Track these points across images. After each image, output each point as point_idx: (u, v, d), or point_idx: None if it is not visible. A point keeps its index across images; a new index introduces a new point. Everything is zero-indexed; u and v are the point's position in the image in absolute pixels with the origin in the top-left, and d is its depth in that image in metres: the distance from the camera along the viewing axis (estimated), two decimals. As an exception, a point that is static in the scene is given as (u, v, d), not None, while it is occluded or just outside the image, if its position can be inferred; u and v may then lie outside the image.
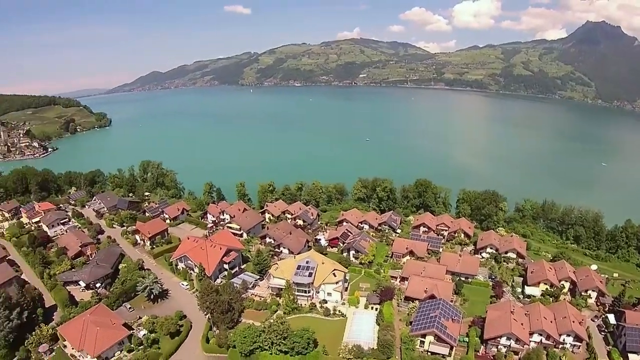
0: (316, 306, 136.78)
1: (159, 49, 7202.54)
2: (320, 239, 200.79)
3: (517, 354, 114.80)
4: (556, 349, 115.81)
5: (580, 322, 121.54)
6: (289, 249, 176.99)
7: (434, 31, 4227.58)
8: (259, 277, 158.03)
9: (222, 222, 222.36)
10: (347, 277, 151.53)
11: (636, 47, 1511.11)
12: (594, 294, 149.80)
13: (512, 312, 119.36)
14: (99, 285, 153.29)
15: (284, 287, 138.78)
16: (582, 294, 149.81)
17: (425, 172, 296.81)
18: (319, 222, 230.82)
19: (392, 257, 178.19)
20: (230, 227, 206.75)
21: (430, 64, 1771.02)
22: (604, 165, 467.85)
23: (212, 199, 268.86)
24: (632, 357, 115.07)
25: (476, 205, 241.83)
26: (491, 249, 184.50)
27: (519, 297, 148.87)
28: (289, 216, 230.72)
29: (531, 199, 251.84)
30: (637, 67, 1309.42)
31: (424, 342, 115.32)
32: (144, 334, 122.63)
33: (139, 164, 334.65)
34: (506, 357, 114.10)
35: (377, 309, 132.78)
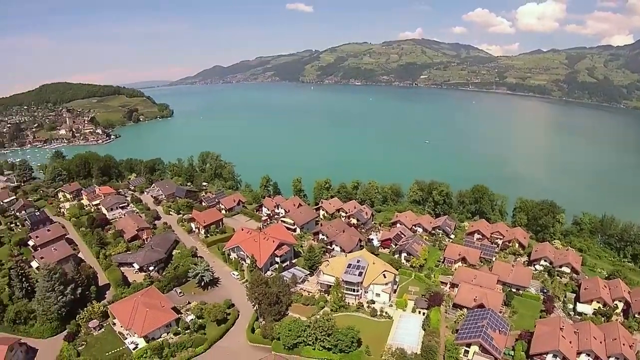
0: (363, 306, 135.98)
1: (222, 44, 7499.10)
2: (372, 239, 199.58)
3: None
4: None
5: (630, 346, 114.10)
6: (341, 247, 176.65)
7: (497, 33, 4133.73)
8: (309, 272, 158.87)
9: (276, 216, 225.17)
10: (396, 279, 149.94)
11: None
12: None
13: (561, 328, 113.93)
14: (152, 268, 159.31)
15: (333, 284, 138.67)
16: (636, 315, 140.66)
17: (482, 177, 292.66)
18: (373, 222, 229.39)
19: (443, 262, 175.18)
20: (284, 222, 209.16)
21: (492, 67, 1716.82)
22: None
23: (268, 193, 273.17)
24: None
25: (533, 215, 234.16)
26: (545, 261, 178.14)
27: (570, 314, 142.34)
28: (343, 214, 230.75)
29: (590, 213, 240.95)
30: None
31: (469, 351, 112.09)
32: (192, 319, 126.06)
33: (198, 155, 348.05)
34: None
35: (424, 314, 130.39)
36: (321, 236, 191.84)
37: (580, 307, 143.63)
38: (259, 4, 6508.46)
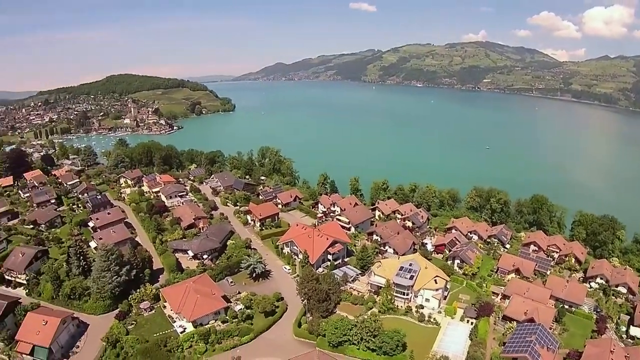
0: (412, 310, 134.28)
1: (285, 41, 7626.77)
2: (427, 244, 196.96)
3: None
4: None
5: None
6: (394, 249, 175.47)
7: (563, 38, 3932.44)
8: (361, 272, 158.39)
9: (332, 214, 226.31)
10: (448, 286, 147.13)
11: None
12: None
13: (611, 351, 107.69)
14: (205, 256, 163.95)
15: (384, 286, 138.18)
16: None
17: (542, 187, 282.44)
18: (428, 226, 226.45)
19: (497, 272, 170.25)
20: (339, 220, 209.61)
21: (557, 72, 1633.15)
22: None
23: (325, 190, 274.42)
24: None
25: (592, 230, 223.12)
26: (601, 279, 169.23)
27: (622, 337, 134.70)
28: (399, 216, 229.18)
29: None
30: None
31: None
32: (240, 309, 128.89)
33: (258, 149, 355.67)
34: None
35: (472, 323, 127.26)
36: (375, 237, 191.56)
37: (633, 331, 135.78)
38: (323, 3, 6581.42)
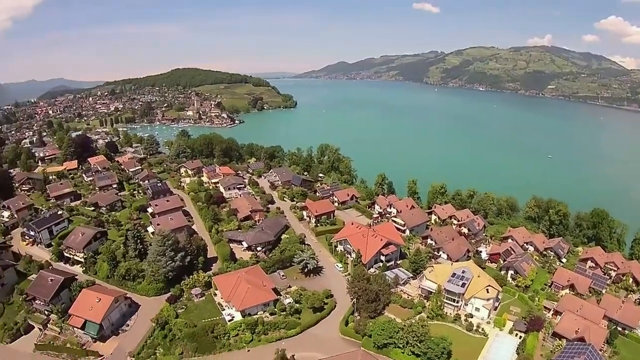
0: (460, 318, 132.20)
1: (348, 40, 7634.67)
2: (481, 252, 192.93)
3: None
4: None
5: None
6: (448, 255, 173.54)
7: (632, 44, 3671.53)
8: (412, 275, 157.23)
9: (387, 215, 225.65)
10: (499, 297, 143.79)
11: None
12: None
13: None
14: (259, 248, 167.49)
15: (434, 291, 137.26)
16: None
17: (603, 201, 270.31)
18: (484, 234, 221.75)
19: (550, 286, 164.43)
20: (394, 221, 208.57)
21: (624, 81, 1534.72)
22: None
23: (382, 191, 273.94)
24: None
25: None
26: None
27: None
28: (455, 222, 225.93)
29: None
30: None
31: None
32: (289, 302, 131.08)
33: (317, 146, 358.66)
34: None
35: (521, 337, 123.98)
36: (429, 241, 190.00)
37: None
38: (386, 3, 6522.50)
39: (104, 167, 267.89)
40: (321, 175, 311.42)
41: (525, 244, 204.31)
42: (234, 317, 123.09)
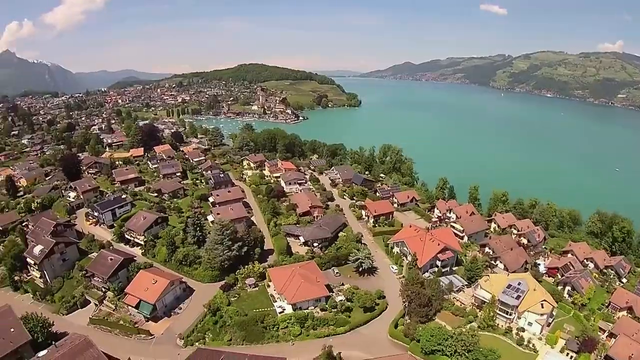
0: (512, 331, 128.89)
1: (414, 41, 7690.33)
2: (539, 264, 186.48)
3: None
4: None
5: None
6: (505, 265, 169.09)
7: None
8: (467, 283, 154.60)
9: (446, 220, 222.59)
10: (554, 313, 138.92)
11: None
12: None
13: None
14: (316, 244, 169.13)
15: (488, 301, 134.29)
16: None
17: None
18: (543, 247, 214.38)
19: (608, 306, 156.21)
20: (453, 227, 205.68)
21: None
22: None
23: (443, 195, 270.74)
24: None
25: None
26: None
27: None
28: (515, 231, 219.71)
29: None
30: None
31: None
32: (341, 300, 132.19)
33: (380, 146, 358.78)
34: None
35: (572, 357, 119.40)
36: (487, 249, 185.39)
37: None
38: (452, 3, 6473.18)
39: (168, 156, 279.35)
40: (382, 175, 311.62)
41: (585, 260, 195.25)
42: (284, 309, 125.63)
